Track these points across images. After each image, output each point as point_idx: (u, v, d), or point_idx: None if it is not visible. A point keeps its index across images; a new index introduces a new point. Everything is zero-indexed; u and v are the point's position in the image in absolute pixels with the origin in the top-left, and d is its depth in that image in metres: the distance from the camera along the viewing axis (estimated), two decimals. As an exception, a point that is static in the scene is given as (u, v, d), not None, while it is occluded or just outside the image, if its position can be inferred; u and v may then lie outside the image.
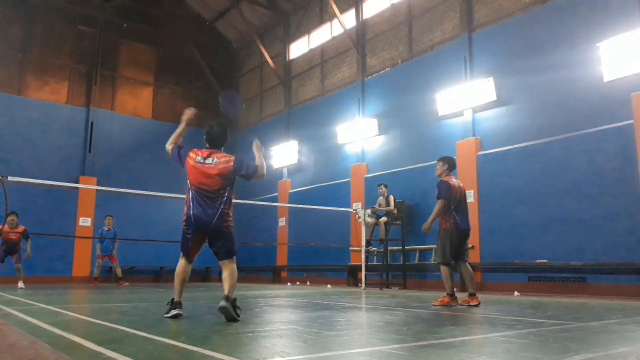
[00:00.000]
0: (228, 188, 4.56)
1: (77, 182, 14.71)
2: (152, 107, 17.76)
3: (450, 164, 6.40)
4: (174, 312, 4.40)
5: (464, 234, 6.16)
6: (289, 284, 13.97)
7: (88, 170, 15.66)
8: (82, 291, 9.97)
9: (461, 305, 5.91)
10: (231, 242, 4.56)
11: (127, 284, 12.76)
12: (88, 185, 14.46)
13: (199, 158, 4.65)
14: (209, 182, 4.49)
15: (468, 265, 6.25)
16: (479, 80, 10.60)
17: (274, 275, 15.58)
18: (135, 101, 17.49)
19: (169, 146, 5.11)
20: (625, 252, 7.99)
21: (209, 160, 4.61)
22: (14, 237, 10.82)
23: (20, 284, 10.89)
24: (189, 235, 4.57)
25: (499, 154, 10.18)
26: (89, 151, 15.84)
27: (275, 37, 17.85)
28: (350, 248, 12.73)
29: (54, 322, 4.12)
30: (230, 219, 4.54)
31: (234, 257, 4.60)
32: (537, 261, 8.98)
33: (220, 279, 5.18)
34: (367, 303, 6.70)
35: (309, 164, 15.53)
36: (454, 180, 6.26)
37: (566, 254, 8.69)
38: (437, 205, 6.07)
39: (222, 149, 4.85)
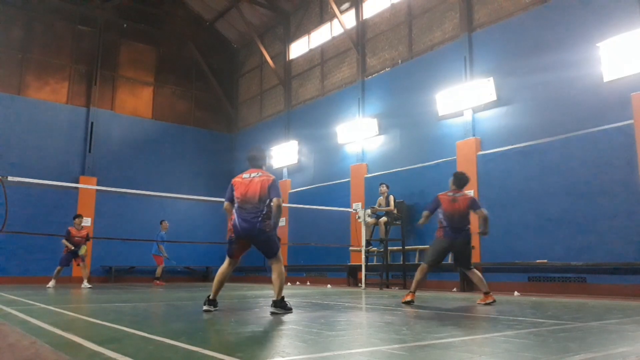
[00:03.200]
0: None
1: (77, 182, 14.71)
2: (152, 107, 17.76)
3: (455, 181, 6.64)
4: (204, 307, 5.10)
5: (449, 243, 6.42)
6: (289, 284, 13.96)
7: (88, 170, 15.66)
8: (82, 291, 9.97)
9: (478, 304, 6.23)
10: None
11: (160, 285, 13.02)
12: (88, 185, 14.45)
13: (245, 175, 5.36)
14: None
15: (474, 271, 6.56)
16: (479, 80, 10.60)
17: (225, 280, 15.48)
18: (135, 101, 17.49)
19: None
20: (625, 252, 7.99)
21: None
22: (79, 239, 11.42)
23: (86, 283, 11.33)
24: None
25: (499, 154, 10.17)
26: (89, 151, 15.84)
27: (275, 37, 17.85)
28: (350, 248, 12.73)
29: (54, 322, 4.12)
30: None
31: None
32: (537, 261, 8.98)
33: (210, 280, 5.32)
34: (367, 303, 6.70)
35: (309, 164, 15.53)
36: (447, 194, 6.51)
37: (566, 254, 8.69)
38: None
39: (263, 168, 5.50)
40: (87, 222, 15.22)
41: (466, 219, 6.42)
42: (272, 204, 5.08)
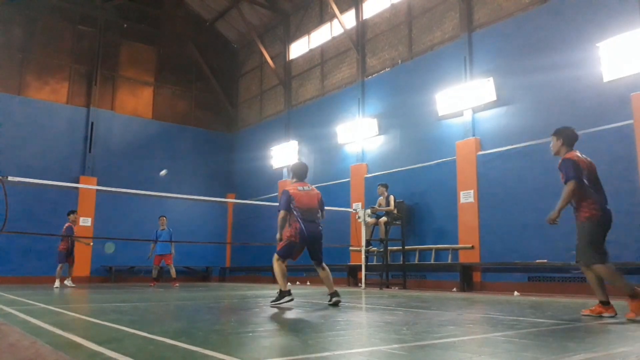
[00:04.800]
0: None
1: (77, 182, 14.72)
2: (152, 107, 17.77)
3: (565, 137, 4.98)
4: (286, 299, 5.87)
5: (608, 220, 4.70)
6: (289, 284, 13.95)
7: (88, 170, 15.66)
8: (82, 291, 9.97)
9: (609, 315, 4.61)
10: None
11: (178, 285, 12.37)
12: (88, 185, 14.47)
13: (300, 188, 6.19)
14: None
15: (599, 266, 4.63)
16: (479, 80, 10.60)
17: (274, 275, 15.54)
18: (135, 101, 17.49)
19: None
20: (625, 252, 7.99)
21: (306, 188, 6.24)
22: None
23: (69, 282, 11.53)
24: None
25: (498, 154, 10.17)
26: (89, 151, 15.84)
27: (275, 37, 17.85)
28: (350, 248, 12.73)
29: (54, 322, 4.12)
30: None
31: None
32: (537, 261, 8.98)
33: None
34: (367, 303, 6.70)
35: (309, 164, 15.29)
36: (579, 155, 4.87)
37: (566, 254, 8.67)
38: (566, 189, 4.71)
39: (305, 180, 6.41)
40: (87, 222, 15.25)
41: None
42: (323, 213, 6.24)
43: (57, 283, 11.19)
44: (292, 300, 5.93)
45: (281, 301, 5.86)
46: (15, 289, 10.12)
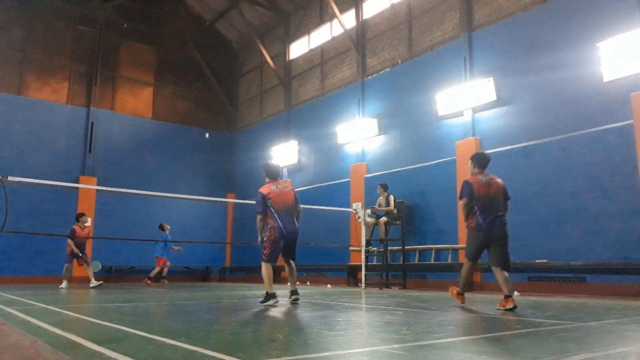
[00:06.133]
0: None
1: (77, 182, 14.72)
2: (152, 107, 17.76)
3: (475, 162, 5.87)
4: (272, 300, 6.01)
5: (487, 232, 5.53)
6: (289, 284, 13.96)
7: (88, 170, 15.66)
8: (82, 291, 9.97)
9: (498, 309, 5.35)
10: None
11: (167, 282, 13.48)
12: (88, 185, 14.46)
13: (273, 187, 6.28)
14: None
15: (498, 270, 5.59)
16: (479, 80, 10.60)
17: (274, 275, 15.54)
18: (135, 101, 17.49)
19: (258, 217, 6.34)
20: (625, 252, 7.99)
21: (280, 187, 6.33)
22: (83, 237, 11.43)
23: (94, 281, 11.40)
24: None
25: (498, 154, 10.16)
26: (89, 151, 15.84)
27: (275, 37, 17.85)
28: (350, 248, 12.73)
29: (54, 322, 4.12)
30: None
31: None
32: (537, 261, 8.98)
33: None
34: (367, 303, 6.70)
35: (309, 164, 15.53)
36: (479, 179, 5.71)
37: (566, 254, 8.69)
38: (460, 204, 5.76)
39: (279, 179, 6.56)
40: (87, 222, 15.23)
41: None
42: (299, 207, 6.35)
43: (63, 284, 11.13)
44: (277, 302, 6.09)
45: (267, 302, 6.02)
46: (15, 289, 10.12)
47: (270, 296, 6.11)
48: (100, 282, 11.41)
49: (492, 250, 5.59)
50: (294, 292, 6.37)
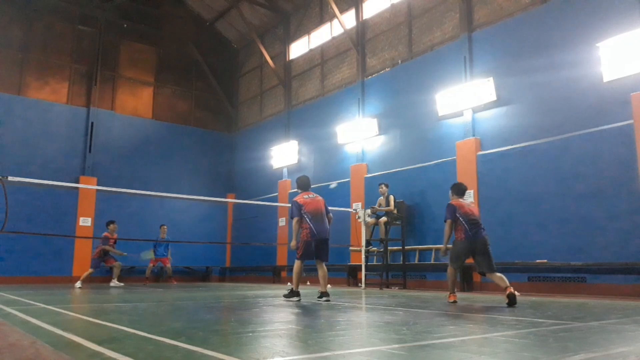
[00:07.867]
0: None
1: (77, 182, 14.71)
2: (152, 107, 17.76)
3: (454, 190, 6.87)
4: (295, 298, 6.72)
5: (471, 243, 6.45)
6: (289, 284, 13.94)
7: (88, 170, 15.66)
8: (82, 291, 9.97)
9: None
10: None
11: (176, 283, 13.89)
12: (88, 185, 14.46)
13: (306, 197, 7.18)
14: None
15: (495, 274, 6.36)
16: (479, 80, 10.60)
17: (274, 275, 15.59)
18: (135, 101, 17.49)
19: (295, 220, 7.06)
20: (625, 252, 7.99)
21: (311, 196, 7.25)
22: (112, 242, 12.17)
23: (116, 281, 12.22)
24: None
25: (498, 154, 10.18)
26: (89, 151, 15.84)
27: (275, 37, 17.85)
28: (350, 248, 12.73)
29: (55, 322, 4.12)
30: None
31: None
32: (537, 261, 8.98)
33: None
34: (367, 303, 6.70)
35: (309, 164, 15.53)
36: (461, 202, 6.72)
37: (566, 254, 8.69)
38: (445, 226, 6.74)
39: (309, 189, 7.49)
40: (87, 222, 15.25)
41: None
42: (330, 215, 7.26)
43: (78, 283, 11.45)
44: (299, 300, 6.60)
45: (291, 298, 6.72)
46: (16, 289, 10.12)
47: (294, 293, 6.80)
48: (122, 283, 11.72)
49: (477, 260, 6.40)
50: (324, 294, 6.82)
